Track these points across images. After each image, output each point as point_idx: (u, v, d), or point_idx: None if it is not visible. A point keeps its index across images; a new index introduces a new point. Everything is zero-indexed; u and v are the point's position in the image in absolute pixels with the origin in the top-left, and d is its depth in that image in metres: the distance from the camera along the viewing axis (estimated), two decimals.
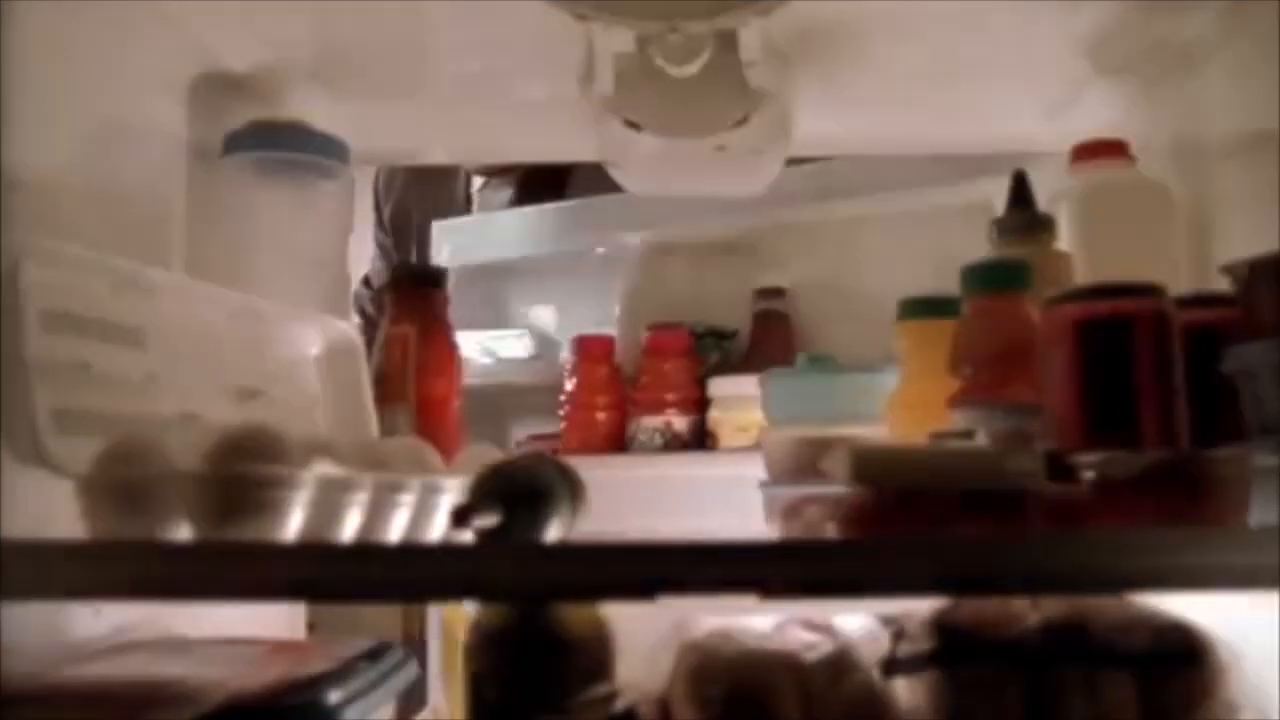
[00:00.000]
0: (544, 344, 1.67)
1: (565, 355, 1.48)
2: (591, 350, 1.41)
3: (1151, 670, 0.67)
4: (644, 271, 1.53)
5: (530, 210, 1.70)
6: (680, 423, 1.33)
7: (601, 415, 1.38)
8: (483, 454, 0.71)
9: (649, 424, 1.34)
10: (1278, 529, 0.56)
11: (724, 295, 1.46)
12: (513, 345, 1.63)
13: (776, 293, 1.44)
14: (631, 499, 1.06)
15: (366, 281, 1.76)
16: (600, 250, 1.59)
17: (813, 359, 0.97)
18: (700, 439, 1.34)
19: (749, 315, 1.46)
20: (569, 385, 1.41)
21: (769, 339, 1.41)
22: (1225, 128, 0.91)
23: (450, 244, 1.70)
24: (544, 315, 1.71)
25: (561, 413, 1.40)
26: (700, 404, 1.34)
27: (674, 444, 1.33)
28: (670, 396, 1.35)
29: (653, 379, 1.37)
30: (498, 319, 1.70)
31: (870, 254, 1.41)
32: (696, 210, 1.44)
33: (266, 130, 0.94)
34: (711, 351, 1.42)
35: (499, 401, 1.58)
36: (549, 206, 1.67)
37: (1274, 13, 0.80)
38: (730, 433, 1.29)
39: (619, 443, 1.36)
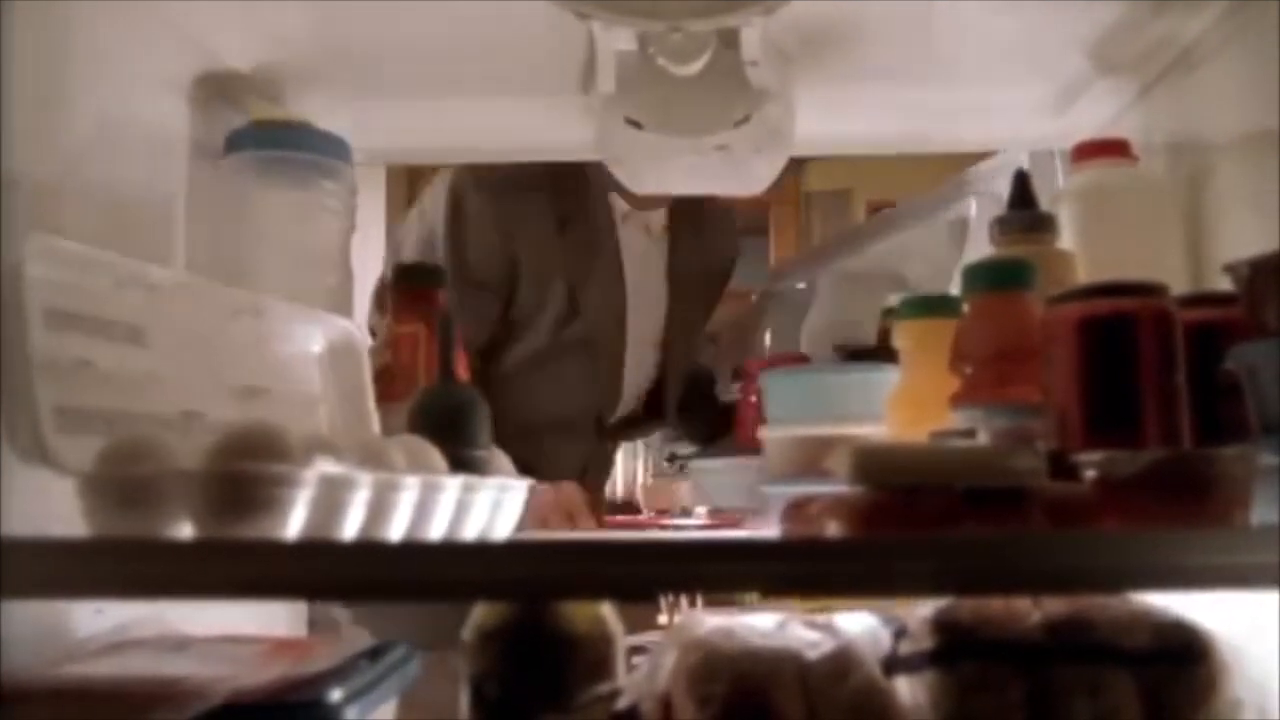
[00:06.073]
0: None
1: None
2: (753, 372, 1.54)
3: (1153, 669, 0.66)
4: (819, 301, 1.63)
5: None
6: None
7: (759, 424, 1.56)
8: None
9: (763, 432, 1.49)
10: (1278, 528, 0.56)
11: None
12: None
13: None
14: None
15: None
16: (800, 285, 1.70)
17: None
18: None
19: None
20: (738, 401, 1.56)
21: (890, 354, 1.48)
22: (1226, 126, 0.91)
23: None
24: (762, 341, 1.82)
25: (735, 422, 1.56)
26: None
27: None
28: None
29: None
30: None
31: None
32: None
33: (268, 129, 0.94)
34: None
35: None
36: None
37: (1274, 12, 0.80)
38: None
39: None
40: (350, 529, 0.60)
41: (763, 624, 0.72)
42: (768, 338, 1.76)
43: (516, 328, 1.60)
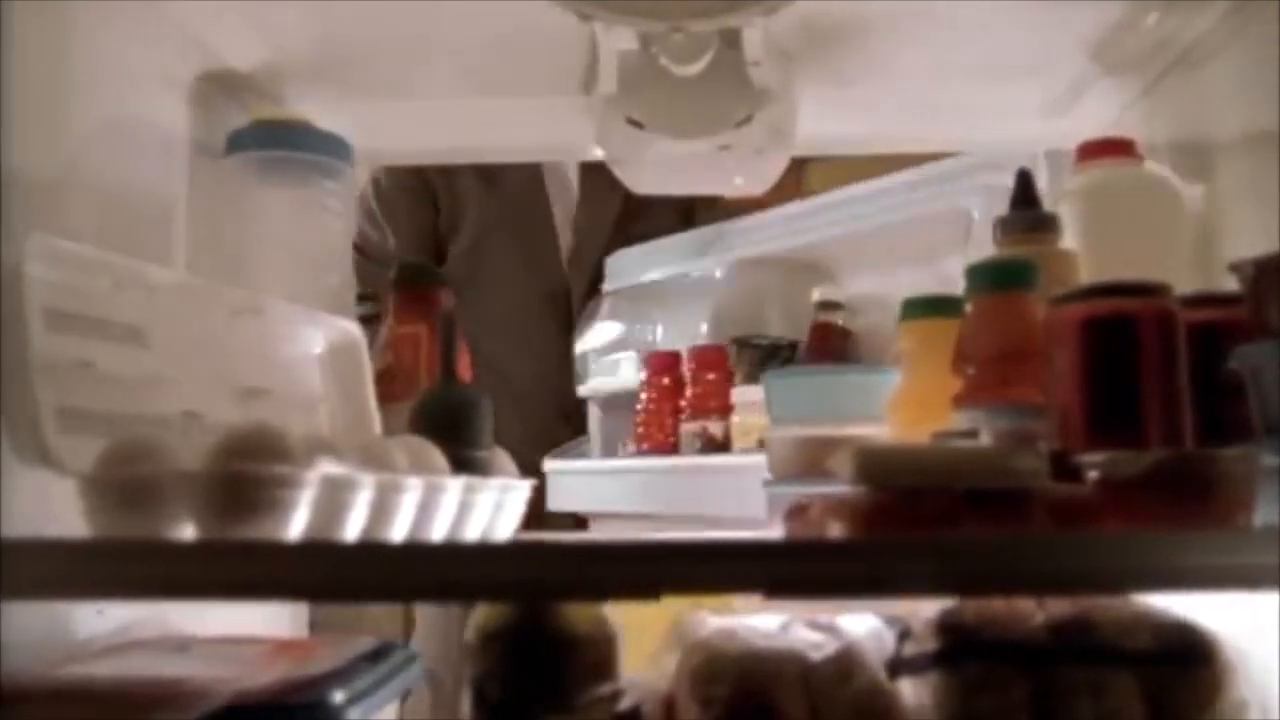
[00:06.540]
0: None
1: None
2: (659, 365, 1.58)
3: (1156, 670, 0.66)
4: (726, 291, 1.66)
5: (658, 243, 1.81)
6: (716, 428, 1.45)
7: (667, 421, 1.55)
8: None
9: (690, 429, 1.48)
10: None
11: (804, 309, 1.53)
12: (621, 365, 1.78)
13: (832, 305, 1.48)
14: (675, 493, 1.44)
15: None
16: (694, 274, 1.72)
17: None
18: (730, 442, 1.44)
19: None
20: (642, 395, 1.58)
21: (824, 349, 1.45)
22: (1229, 126, 0.91)
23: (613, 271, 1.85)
24: (654, 333, 1.82)
25: (636, 419, 1.58)
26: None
27: (708, 446, 1.45)
28: (711, 404, 1.47)
29: (697, 389, 1.50)
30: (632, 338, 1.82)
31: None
32: (775, 231, 1.59)
33: (269, 129, 0.94)
34: (771, 363, 1.48)
35: None
36: (670, 239, 1.78)
37: (1276, 12, 0.79)
38: (739, 436, 1.38)
39: (676, 445, 1.52)
40: (352, 530, 0.60)
41: (766, 625, 0.72)
42: (659, 331, 1.76)
43: (451, 231, 1.80)
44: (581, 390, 1.78)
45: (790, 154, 0.98)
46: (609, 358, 1.75)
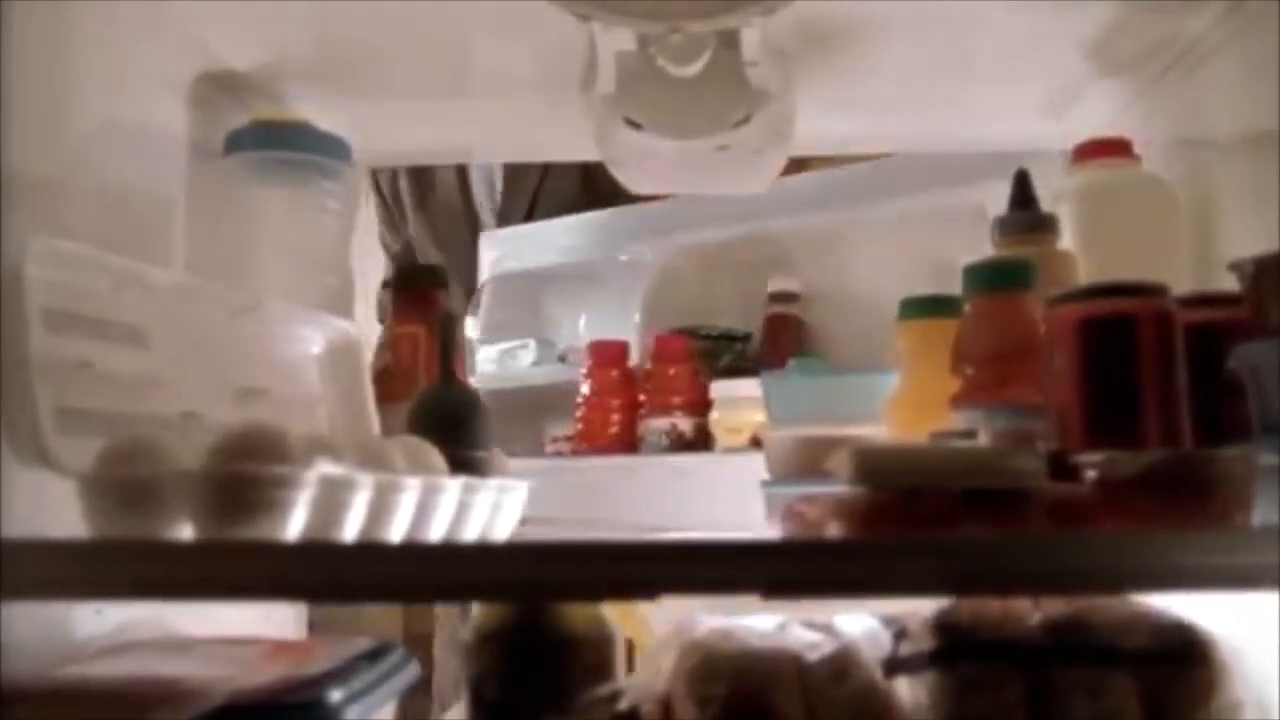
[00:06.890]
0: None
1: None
2: (605, 355, 1.47)
3: (1152, 670, 0.67)
4: (664, 277, 1.58)
5: (558, 222, 1.76)
6: (685, 424, 1.37)
7: (615, 417, 1.44)
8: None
9: (656, 425, 1.38)
10: (1279, 529, 0.56)
11: (745, 299, 1.49)
12: (519, 355, 1.70)
13: (789, 296, 1.45)
14: (638, 496, 1.26)
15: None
16: (623, 258, 1.65)
17: (804, 364, 1.00)
18: (704, 440, 1.37)
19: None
20: (584, 388, 1.47)
21: (780, 342, 1.43)
22: (1228, 126, 0.91)
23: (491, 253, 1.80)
24: (574, 321, 1.73)
25: (578, 414, 1.46)
26: (706, 406, 1.37)
27: (678, 444, 1.37)
28: (676, 399, 1.39)
29: (659, 383, 1.41)
30: (528, 326, 1.75)
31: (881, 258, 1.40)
32: (715, 217, 1.50)
33: (268, 130, 0.94)
34: (724, 355, 1.43)
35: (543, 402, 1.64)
36: (577, 218, 1.72)
37: (1274, 11, 0.79)
38: (724, 434, 1.32)
39: (631, 443, 1.41)
40: (350, 530, 0.60)
41: (762, 625, 0.72)
42: (582, 322, 1.67)
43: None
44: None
45: (788, 154, 0.98)
46: (495, 348, 1.67)
